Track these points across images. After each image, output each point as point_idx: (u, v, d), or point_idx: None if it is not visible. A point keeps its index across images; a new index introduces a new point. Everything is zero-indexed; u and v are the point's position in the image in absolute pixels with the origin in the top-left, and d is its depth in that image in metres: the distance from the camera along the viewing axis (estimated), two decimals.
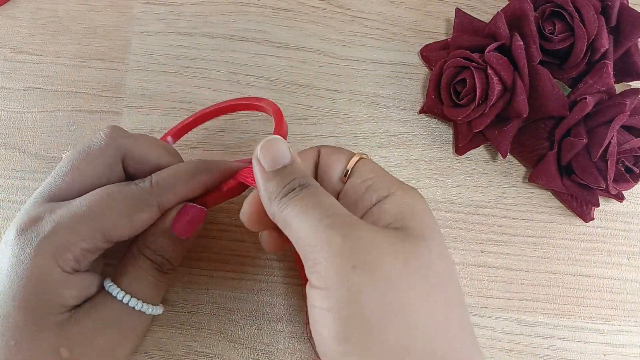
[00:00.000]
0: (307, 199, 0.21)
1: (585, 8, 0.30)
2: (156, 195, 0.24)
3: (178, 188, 0.25)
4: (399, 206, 0.22)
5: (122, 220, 0.23)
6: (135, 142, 0.26)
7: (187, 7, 0.36)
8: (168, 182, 0.25)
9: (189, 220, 0.25)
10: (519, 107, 0.31)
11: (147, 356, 0.31)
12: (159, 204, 0.24)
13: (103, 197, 0.23)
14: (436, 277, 0.20)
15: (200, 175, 0.25)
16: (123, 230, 0.24)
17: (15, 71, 0.35)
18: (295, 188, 0.21)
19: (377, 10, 0.36)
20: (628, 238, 0.34)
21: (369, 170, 0.24)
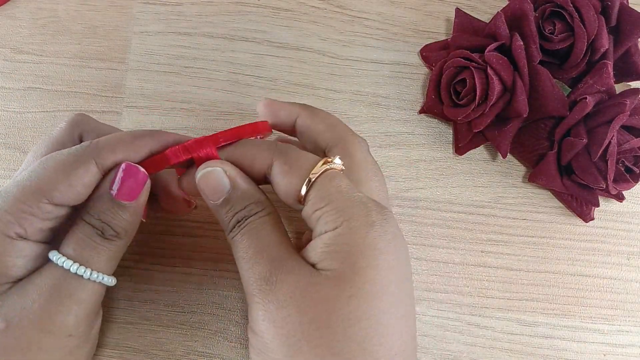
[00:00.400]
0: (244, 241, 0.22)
1: (585, 8, 0.30)
2: (94, 153, 0.23)
3: (118, 147, 0.24)
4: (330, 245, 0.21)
5: (60, 177, 0.23)
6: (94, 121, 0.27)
7: (187, 7, 0.36)
8: (108, 141, 0.24)
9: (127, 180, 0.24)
10: (519, 107, 0.31)
11: (147, 356, 0.31)
12: (98, 162, 0.23)
13: (42, 160, 0.23)
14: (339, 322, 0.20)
15: (143, 138, 0.24)
16: (64, 191, 0.23)
17: (15, 71, 0.35)
18: (235, 225, 0.23)
19: (377, 10, 0.36)
20: (628, 238, 0.34)
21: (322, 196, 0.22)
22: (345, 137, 0.26)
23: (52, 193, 0.23)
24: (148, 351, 0.31)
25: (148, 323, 0.31)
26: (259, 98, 0.35)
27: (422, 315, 0.32)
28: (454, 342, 0.32)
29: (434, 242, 0.33)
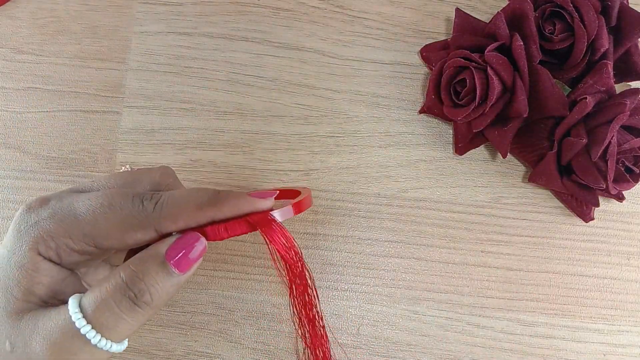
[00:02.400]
0: None
1: (585, 8, 0.30)
2: (156, 220, 0.22)
3: (181, 218, 0.23)
4: None
5: (115, 234, 0.22)
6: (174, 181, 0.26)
7: (187, 7, 0.36)
8: (172, 210, 0.23)
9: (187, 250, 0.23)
10: (519, 107, 0.31)
11: (147, 356, 0.31)
12: (157, 228, 0.23)
13: (104, 206, 0.23)
14: None
15: (207, 209, 0.23)
16: (113, 243, 0.22)
17: (15, 71, 0.35)
18: None
19: (377, 10, 0.36)
20: (628, 238, 0.34)
21: None
22: None
23: (102, 243, 0.22)
24: (148, 351, 0.31)
25: (148, 323, 0.31)
26: (259, 98, 0.35)
27: (422, 315, 0.32)
28: (454, 342, 0.32)
29: (434, 242, 0.33)
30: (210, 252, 0.32)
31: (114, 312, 0.22)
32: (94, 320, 0.21)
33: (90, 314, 0.22)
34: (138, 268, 0.22)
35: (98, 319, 0.21)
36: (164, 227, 0.23)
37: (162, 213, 0.22)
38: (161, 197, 0.23)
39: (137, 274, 0.22)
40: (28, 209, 0.23)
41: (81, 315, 0.21)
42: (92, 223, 0.22)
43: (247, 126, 0.34)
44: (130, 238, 0.22)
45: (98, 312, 0.21)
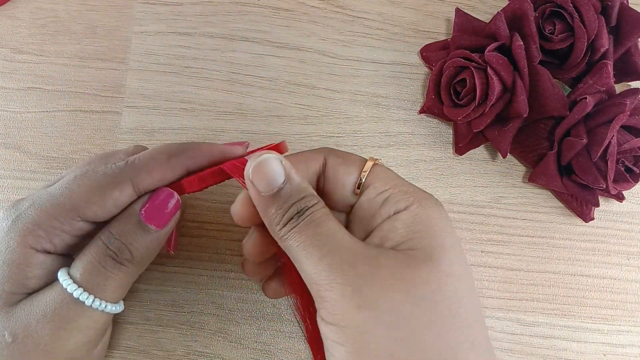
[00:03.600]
0: (305, 232, 0.21)
1: (585, 8, 0.30)
2: (130, 173, 0.23)
3: (154, 167, 0.23)
4: (411, 224, 0.21)
5: (94, 197, 0.22)
6: None
7: (187, 7, 0.36)
8: (144, 161, 0.23)
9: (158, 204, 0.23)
10: (519, 107, 0.31)
11: (147, 356, 0.31)
12: (133, 183, 0.23)
13: (77, 176, 0.23)
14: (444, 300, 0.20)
15: (180, 156, 0.24)
16: (97, 209, 0.23)
17: (15, 71, 0.35)
18: (293, 216, 0.21)
19: (377, 10, 0.36)
20: (628, 238, 0.34)
21: (385, 181, 0.23)
22: None
23: (85, 212, 0.23)
24: (148, 351, 0.31)
25: (148, 323, 0.31)
26: (259, 98, 0.35)
27: None
28: None
29: None
30: (210, 252, 0.32)
31: (100, 271, 0.22)
32: (83, 283, 0.22)
33: (79, 278, 0.22)
34: (115, 229, 0.23)
35: (87, 281, 0.22)
36: (140, 180, 0.23)
37: (135, 166, 0.23)
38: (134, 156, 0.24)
39: (114, 235, 0.23)
40: (7, 208, 0.23)
41: (71, 281, 0.22)
42: (70, 195, 0.23)
43: (247, 126, 0.34)
44: (109, 198, 0.23)
45: (85, 275, 0.22)
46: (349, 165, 0.23)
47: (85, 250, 0.23)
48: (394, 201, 0.22)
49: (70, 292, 0.22)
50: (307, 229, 0.21)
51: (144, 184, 0.23)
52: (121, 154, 0.25)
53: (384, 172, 0.23)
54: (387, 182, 0.22)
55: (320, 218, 0.21)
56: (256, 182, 0.21)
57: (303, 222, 0.21)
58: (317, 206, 0.21)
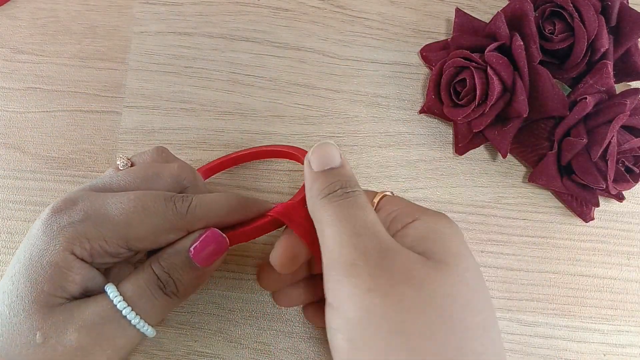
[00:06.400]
0: (344, 208, 0.21)
1: (585, 8, 0.30)
2: (189, 223, 0.24)
3: (212, 220, 0.24)
4: (422, 230, 0.22)
5: (149, 236, 0.23)
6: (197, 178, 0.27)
7: (187, 7, 0.36)
8: (204, 214, 0.24)
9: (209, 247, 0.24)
10: (519, 107, 0.31)
11: (147, 356, 0.31)
12: (189, 231, 0.24)
13: (137, 209, 0.23)
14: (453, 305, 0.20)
15: (236, 213, 0.25)
16: (145, 245, 0.24)
17: (15, 71, 0.35)
18: (337, 190, 0.22)
19: (377, 10, 0.36)
20: (628, 238, 0.34)
21: (394, 204, 0.24)
22: None
23: (136, 245, 0.23)
24: (148, 351, 0.31)
25: None
26: (259, 98, 0.35)
27: None
28: None
29: None
30: None
31: (148, 297, 0.23)
32: (132, 303, 0.23)
33: (129, 298, 0.23)
34: (165, 262, 0.24)
35: (136, 302, 0.23)
36: (196, 227, 0.24)
37: (195, 216, 0.24)
38: (193, 200, 0.24)
39: (164, 268, 0.24)
40: (57, 211, 0.23)
41: (121, 297, 0.23)
42: (127, 226, 0.23)
43: (247, 126, 0.34)
44: (163, 240, 0.24)
45: (135, 297, 0.23)
46: None
47: (135, 273, 0.24)
48: (402, 217, 0.23)
49: (119, 308, 0.23)
50: (347, 205, 0.22)
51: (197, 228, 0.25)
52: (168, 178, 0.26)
53: (394, 198, 0.25)
54: (396, 205, 0.24)
55: (363, 203, 0.22)
56: (313, 159, 0.23)
57: (346, 199, 0.22)
58: (363, 194, 0.23)
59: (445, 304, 0.20)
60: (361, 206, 0.22)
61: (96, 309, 0.23)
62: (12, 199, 0.33)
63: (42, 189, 0.33)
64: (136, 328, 0.23)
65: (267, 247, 0.33)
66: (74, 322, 0.22)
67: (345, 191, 0.22)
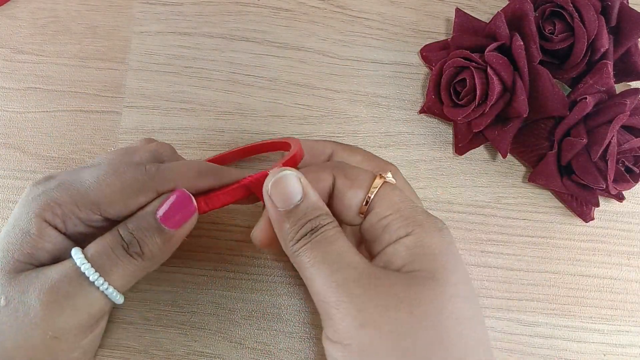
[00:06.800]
0: (317, 249, 0.22)
1: (585, 8, 0.30)
2: (158, 183, 0.24)
3: (181, 182, 0.24)
4: (413, 248, 0.21)
5: (119, 198, 0.23)
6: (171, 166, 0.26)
7: (187, 7, 0.36)
8: (173, 175, 0.24)
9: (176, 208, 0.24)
10: (519, 107, 0.31)
11: (147, 356, 0.31)
12: (159, 192, 0.24)
13: (108, 173, 0.24)
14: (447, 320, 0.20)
15: (209, 176, 0.25)
16: (119, 209, 0.24)
17: (15, 71, 0.35)
18: (307, 233, 0.22)
19: (377, 10, 0.36)
20: (628, 238, 0.34)
21: (387, 205, 0.23)
22: (381, 165, 0.27)
23: (107, 209, 0.23)
24: (148, 351, 0.31)
25: (148, 323, 0.31)
26: (259, 98, 0.35)
27: None
28: None
29: None
30: (210, 252, 0.32)
31: (110, 256, 0.23)
32: (93, 261, 0.23)
33: (91, 258, 0.23)
34: (132, 224, 0.23)
35: (96, 261, 0.23)
36: (166, 190, 0.24)
37: (164, 177, 0.24)
38: (162, 165, 0.25)
39: (129, 229, 0.23)
40: (35, 184, 0.24)
41: (83, 257, 0.23)
42: (98, 190, 0.23)
43: (247, 126, 0.34)
44: (133, 202, 0.24)
45: (96, 256, 0.23)
46: (356, 187, 0.23)
47: (101, 237, 0.24)
48: (395, 228, 0.22)
49: (78, 265, 0.22)
50: (318, 247, 0.22)
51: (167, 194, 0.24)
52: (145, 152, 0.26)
53: (388, 194, 0.23)
54: (390, 207, 0.23)
55: (332, 237, 0.22)
56: (274, 197, 0.22)
57: (315, 239, 0.22)
58: (330, 225, 0.22)
59: (440, 321, 0.20)
60: (333, 240, 0.22)
61: (59, 270, 0.23)
62: (12, 199, 0.33)
63: None
64: (99, 290, 0.23)
65: None
66: (37, 284, 0.22)
67: (314, 232, 0.22)
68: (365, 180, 0.23)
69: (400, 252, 0.22)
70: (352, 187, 0.23)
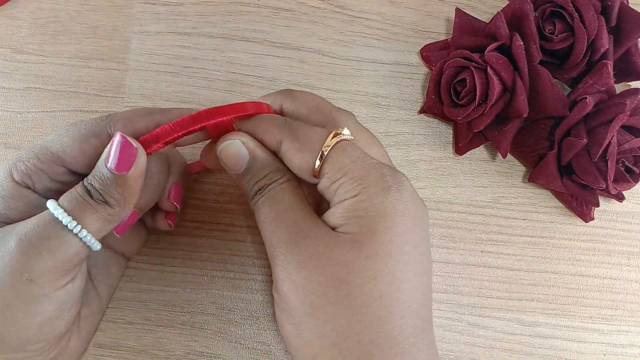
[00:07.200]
0: (265, 206, 0.24)
1: (585, 8, 0.30)
2: (109, 121, 0.25)
3: (131, 118, 0.25)
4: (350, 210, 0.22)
5: (75, 144, 0.25)
6: None
7: (187, 7, 0.36)
8: (123, 115, 0.26)
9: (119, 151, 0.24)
10: (519, 107, 0.31)
11: (147, 356, 0.31)
12: (110, 130, 0.25)
13: (66, 127, 0.25)
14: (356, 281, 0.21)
15: (156, 114, 0.26)
16: (76, 155, 0.25)
17: (15, 71, 0.35)
18: (258, 191, 0.24)
19: (377, 10, 0.36)
20: (628, 238, 0.34)
21: (338, 168, 0.23)
22: (331, 116, 0.26)
23: (66, 158, 0.25)
24: (148, 351, 0.31)
25: (148, 323, 0.31)
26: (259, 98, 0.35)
27: None
28: (454, 342, 0.32)
29: (434, 242, 0.33)
30: (210, 252, 0.32)
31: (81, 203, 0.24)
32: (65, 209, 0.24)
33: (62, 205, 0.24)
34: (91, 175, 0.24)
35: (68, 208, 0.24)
36: (116, 129, 0.25)
37: (114, 118, 0.25)
38: None
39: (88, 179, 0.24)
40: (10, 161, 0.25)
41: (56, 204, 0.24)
42: (57, 141, 0.25)
43: None
44: (87, 146, 0.25)
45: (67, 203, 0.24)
46: (306, 151, 0.23)
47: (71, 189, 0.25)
48: (343, 191, 0.23)
49: (52, 211, 0.23)
50: (266, 204, 0.24)
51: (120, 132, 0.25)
52: None
53: (340, 155, 0.23)
54: (340, 169, 0.23)
55: (276, 194, 0.24)
56: (225, 163, 0.25)
57: (263, 197, 0.24)
58: (277, 182, 0.24)
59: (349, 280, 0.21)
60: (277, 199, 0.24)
61: (35, 220, 0.24)
62: None
63: None
64: (74, 233, 0.23)
65: None
66: (13, 233, 0.23)
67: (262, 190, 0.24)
68: (316, 142, 0.23)
69: (336, 214, 0.23)
70: (300, 150, 0.23)
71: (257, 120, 0.25)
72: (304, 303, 0.22)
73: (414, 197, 0.23)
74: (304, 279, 0.22)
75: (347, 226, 0.22)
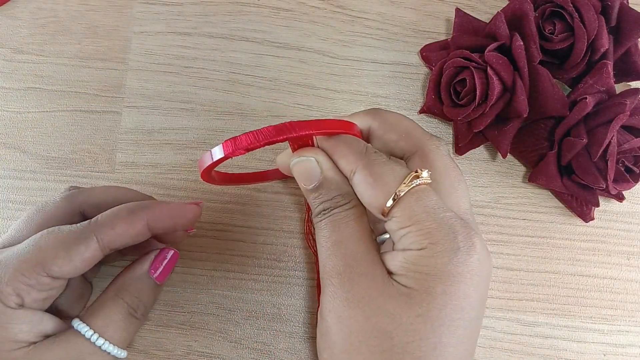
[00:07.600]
0: (327, 230, 0.23)
1: (585, 8, 0.30)
2: (95, 230, 0.24)
3: (116, 222, 0.25)
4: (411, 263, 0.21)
5: (60, 253, 0.23)
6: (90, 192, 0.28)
7: (187, 7, 0.36)
8: (106, 218, 0.25)
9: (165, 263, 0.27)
10: (519, 107, 0.31)
11: (147, 356, 0.31)
12: (98, 238, 0.24)
13: (43, 234, 0.24)
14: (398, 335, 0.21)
15: (139, 212, 0.25)
16: (62, 265, 0.24)
17: (15, 71, 0.35)
18: (325, 210, 0.24)
19: (377, 10, 0.36)
20: (628, 238, 0.34)
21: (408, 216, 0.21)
22: (422, 144, 0.25)
23: (51, 267, 0.23)
24: (148, 351, 0.31)
25: (148, 323, 0.31)
26: (259, 98, 0.35)
27: None
28: None
29: None
30: (210, 252, 0.32)
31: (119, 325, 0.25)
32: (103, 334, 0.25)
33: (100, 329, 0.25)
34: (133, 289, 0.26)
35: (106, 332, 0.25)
36: (104, 234, 0.25)
37: (98, 223, 0.25)
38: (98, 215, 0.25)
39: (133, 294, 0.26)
40: None
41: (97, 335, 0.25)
42: (37, 251, 0.24)
43: (247, 126, 0.34)
44: (76, 255, 0.24)
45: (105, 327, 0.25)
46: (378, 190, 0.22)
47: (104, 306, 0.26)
48: (410, 241, 0.21)
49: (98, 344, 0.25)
50: (329, 227, 0.23)
51: (108, 238, 0.25)
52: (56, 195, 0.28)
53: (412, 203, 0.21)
54: (410, 218, 0.21)
55: (340, 220, 0.23)
56: (296, 176, 0.25)
57: (327, 219, 0.23)
58: (342, 207, 0.23)
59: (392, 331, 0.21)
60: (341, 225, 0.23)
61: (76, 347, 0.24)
62: (12, 199, 0.33)
63: (42, 189, 0.33)
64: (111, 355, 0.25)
65: (266, 246, 0.33)
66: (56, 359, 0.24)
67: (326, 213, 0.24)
68: (391, 182, 0.22)
69: (396, 261, 0.22)
70: (373, 187, 0.22)
71: (337, 141, 0.24)
72: (344, 340, 0.22)
73: (482, 259, 0.21)
74: (349, 318, 0.21)
75: (405, 278, 0.21)
